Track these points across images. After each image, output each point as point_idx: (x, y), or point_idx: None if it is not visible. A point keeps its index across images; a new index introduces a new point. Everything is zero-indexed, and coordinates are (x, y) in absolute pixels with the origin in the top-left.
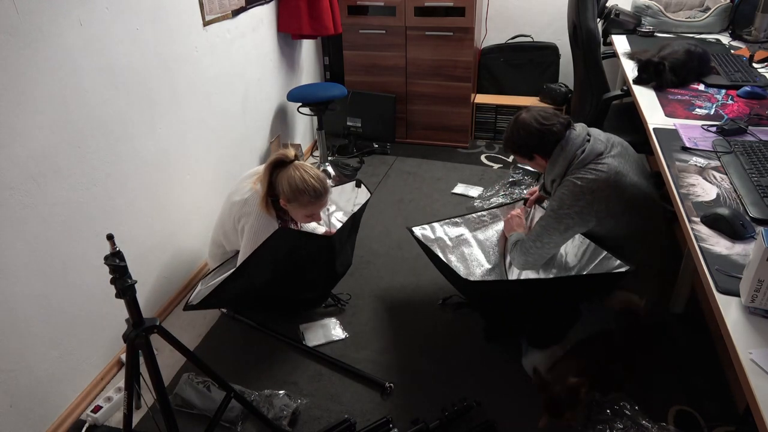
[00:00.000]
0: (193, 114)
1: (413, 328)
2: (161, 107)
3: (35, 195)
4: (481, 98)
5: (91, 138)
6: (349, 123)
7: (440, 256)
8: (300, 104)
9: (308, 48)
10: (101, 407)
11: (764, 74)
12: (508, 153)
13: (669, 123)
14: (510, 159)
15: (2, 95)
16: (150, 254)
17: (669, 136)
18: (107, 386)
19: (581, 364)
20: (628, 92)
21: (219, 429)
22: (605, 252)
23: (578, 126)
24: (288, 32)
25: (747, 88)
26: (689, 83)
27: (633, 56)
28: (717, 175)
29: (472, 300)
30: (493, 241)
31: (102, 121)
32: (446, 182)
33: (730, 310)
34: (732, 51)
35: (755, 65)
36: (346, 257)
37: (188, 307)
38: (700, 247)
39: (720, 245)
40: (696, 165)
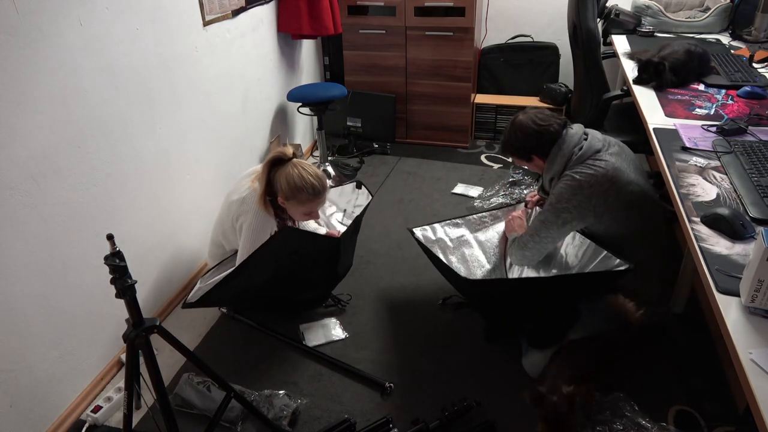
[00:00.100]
0: (193, 114)
1: (413, 328)
2: (161, 107)
3: (35, 195)
4: (481, 98)
5: (91, 138)
6: (349, 123)
7: (441, 257)
8: (300, 104)
9: (308, 48)
10: (101, 407)
11: (764, 74)
12: (507, 156)
13: (669, 123)
14: (510, 159)
15: (2, 95)
16: (150, 254)
17: (669, 136)
18: (107, 386)
19: (574, 370)
20: (628, 92)
21: (219, 429)
22: (605, 251)
23: (575, 126)
24: (288, 32)
25: (747, 88)
26: (689, 83)
27: (633, 56)
28: (717, 175)
29: (472, 300)
30: (494, 243)
31: (102, 121)
32: (446, 182)
33: (730, 310)
34: (732, 51)
35: (755, 65)
36: (348, 259)
37: (187, 305)
38: (700, 247)
39: (720, 245)
40: (696, 165)
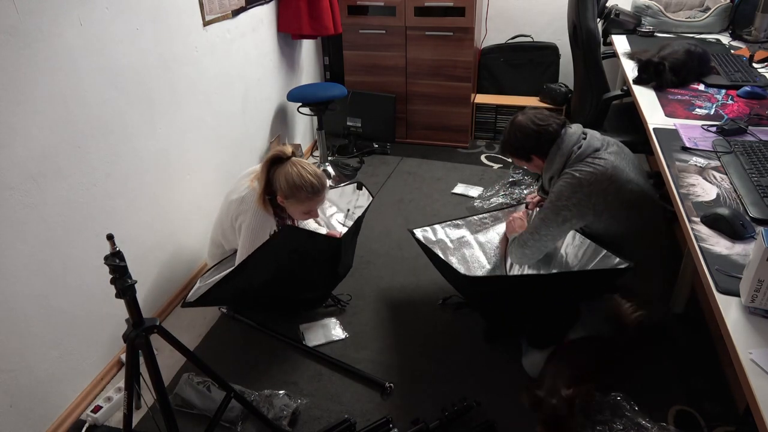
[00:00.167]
0: (193, 114)
1: (413, 328)
2: (161, 107)
3: (35, 195)
4: (481, 98)
5: (91, 138)
6: (349, 123)
7: (440, 256)
8: (300, 104)
9: (308, 48)
10: (101, 407)
11: (764, 74)
12: (506, 156)
13: (669, 123)
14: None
15: (2, 95)
16: (150, 254)
17: (669, 136)
18: (107, 386)
19: (572, 371)
20: (628, 92)
21: (219, 429)
22: (605, 251)
23: (573, 125)
24: (288, 32)
25: (747, 88)
26: (689, 83)
27: (633, 56)
28: (717, 175)
29: (472, 300)
30: (495, 244)
31: (102, 121)
32: (446, 182)
33: (730, 310)
34: (732, 51)
35: (755, 65)
36: (348, 259)
37: (186, 304)
38: (700, 247)
39: (720, 245)
40: (696, 165)
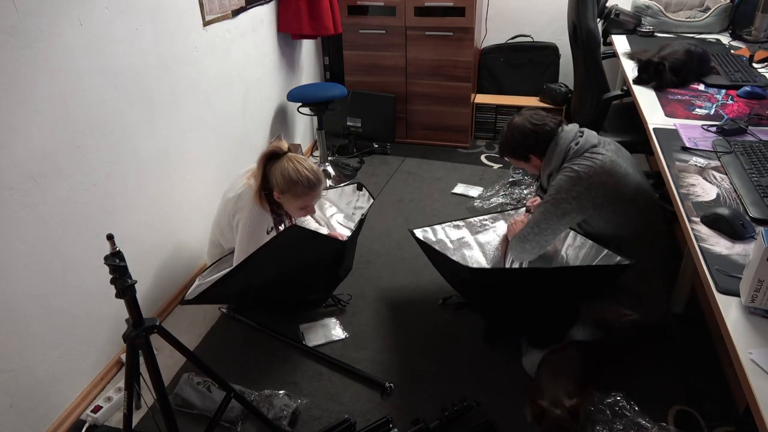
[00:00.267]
0: (193, 114)
1: (413, 328)
2: (161, 107)
3: (35, 195)
4: (481, 98)
5: (91, 138)
6: (349, 123)
7: (439, 250)
8: (300, 104)
9: (308, 48)
10: (101, 407)
11: (764, 74)
12: (504, 157)
13: (669, 123)
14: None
15: (2, 95)
16: (150, 254)
17: (669, 136)
18: (107, 386)
19: (571, 379)
20: (628, 92)
21: (219, 429)
22: (606, 250)
23: (570, 125)
24: (288, 32)
25: (747, 88)
26: (689, 83)
27: (633, 56)
28: (717, 175)
29: (473, 298)
30: (495, 245)
31: (102, 121)
32: (446, 182)
33: (730, 310)
34: (732, 51)
35: (755, 65)
36: (349, 261)
37: (185, 302)
38: (700, 247)
39: (720, 245)
40: (696, 165)
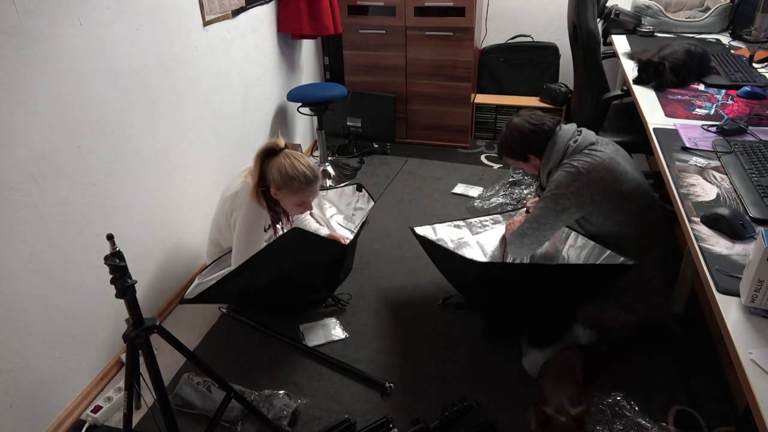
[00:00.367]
0: (193, 114)
1: (413, 328)
2: (161, 107)
3: (35, 195)
4: (481, 98)
5: (91, 138)
6: (349, 123)
7: (441, 245)
8: (300, 104)
9: (308, 48)
10: (101, 407)
11: (764, 74)
12: (503, 158)
13: (669, 123)
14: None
15: (2, 95)
16: (150, 254)
17: (669, 136)
18: (107, 386)
19: (573, 384)
20: (628, 92)
21: (219, 429)
22: (608, 251)
23: (568, 124)
24: (288, 32)
25: (747, 88)
26: (689, 83)
27: (633, 56)
28: (717, 175)
29: (474, 296)
30: (494, 245)
31: (102, 121)
32: (446, 182)
33: (730, 310)
34: (732, 51)
35: (755, 65)
36: (349, 263)
37: (184, 301)
38: (700, 247)
39: (720, 245)
40: (696, 165)
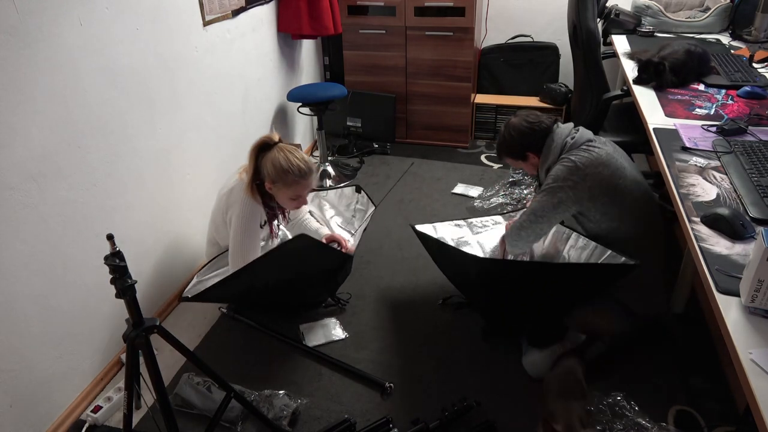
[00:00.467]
0: (193, 114)
1: (413, 328)
2: (161, 107)
3: (35, 195)
4: (481, 98)
5: (91, 138)
6: (349, 123)
7: (442, 242)
8: (300, 104)
9: (308, 48)
10: (101, 407)
11: (764, 74)
12: (502, 157)
13: (669, 123)
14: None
15: (2, 95)
16: (150, 254)
17: (669, 136)
18: (107, 386)
19: (582, 400)
20: (628, 92)
21: (219, 429)
22: (609, 252)
23: (565, 124)
24: (288, 32)
25: (747, 88)
26: (689, 83)
27: (633, 56)
28: (717, 175)
29: (474, 295)
30: (494, 245)
31: (102, 121)
32: (446, 182)
33: (730, 310)
34: (732, 51)
35: (755, 65)
36: (348, 267)
37: (183, 299)
38: (700, 247)
39: (720, 245)
40: (696, 165)
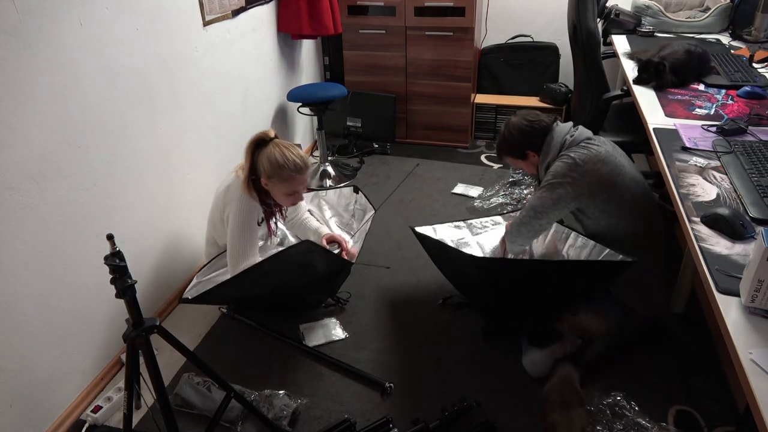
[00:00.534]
0: (193, 114)
1: (413, 328)
2: (161, 107)
3: (35, 195)
4: (481, 98)
5: (91, 138)
6: (349, 123)
7: (442, 242)
8: (300, 104)
9: (308, 48)
10: (101, 407)
11: (764, 74)
12: (502, 157)
13: (669, 123)
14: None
15: (2, 95)
16: (150, 254)
17: (669, 136)
18: (107, 386)
19: (582, 410)
20: (628, 92)
21: (219, 429)
22: (608, 250)
23: (564, 123)
24: (288, 32)
25: (747, 88)
26: (689, 83)
27: (633, 56)
28: (717, 175)
29: (474, 295)
30: (494, 246)
31: (102, 121)
32: (446, 182)
33: (730, 310)
34: (732, 51)
35: (755, 65)
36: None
37: (183, 300)
38: (700, 247)
39: (720, 245)
40: (696, 165)
